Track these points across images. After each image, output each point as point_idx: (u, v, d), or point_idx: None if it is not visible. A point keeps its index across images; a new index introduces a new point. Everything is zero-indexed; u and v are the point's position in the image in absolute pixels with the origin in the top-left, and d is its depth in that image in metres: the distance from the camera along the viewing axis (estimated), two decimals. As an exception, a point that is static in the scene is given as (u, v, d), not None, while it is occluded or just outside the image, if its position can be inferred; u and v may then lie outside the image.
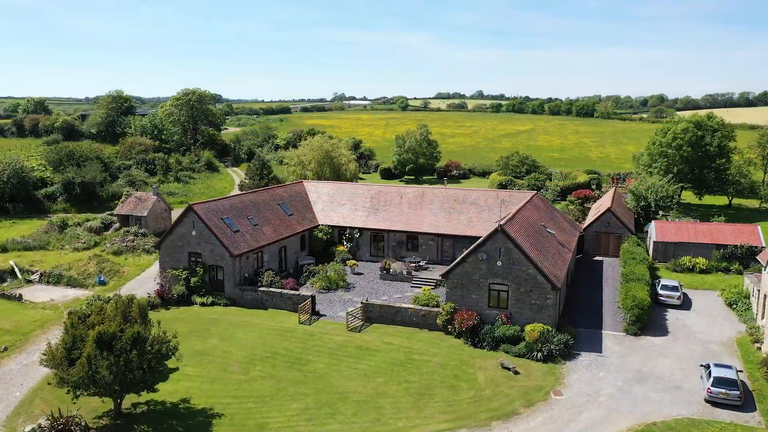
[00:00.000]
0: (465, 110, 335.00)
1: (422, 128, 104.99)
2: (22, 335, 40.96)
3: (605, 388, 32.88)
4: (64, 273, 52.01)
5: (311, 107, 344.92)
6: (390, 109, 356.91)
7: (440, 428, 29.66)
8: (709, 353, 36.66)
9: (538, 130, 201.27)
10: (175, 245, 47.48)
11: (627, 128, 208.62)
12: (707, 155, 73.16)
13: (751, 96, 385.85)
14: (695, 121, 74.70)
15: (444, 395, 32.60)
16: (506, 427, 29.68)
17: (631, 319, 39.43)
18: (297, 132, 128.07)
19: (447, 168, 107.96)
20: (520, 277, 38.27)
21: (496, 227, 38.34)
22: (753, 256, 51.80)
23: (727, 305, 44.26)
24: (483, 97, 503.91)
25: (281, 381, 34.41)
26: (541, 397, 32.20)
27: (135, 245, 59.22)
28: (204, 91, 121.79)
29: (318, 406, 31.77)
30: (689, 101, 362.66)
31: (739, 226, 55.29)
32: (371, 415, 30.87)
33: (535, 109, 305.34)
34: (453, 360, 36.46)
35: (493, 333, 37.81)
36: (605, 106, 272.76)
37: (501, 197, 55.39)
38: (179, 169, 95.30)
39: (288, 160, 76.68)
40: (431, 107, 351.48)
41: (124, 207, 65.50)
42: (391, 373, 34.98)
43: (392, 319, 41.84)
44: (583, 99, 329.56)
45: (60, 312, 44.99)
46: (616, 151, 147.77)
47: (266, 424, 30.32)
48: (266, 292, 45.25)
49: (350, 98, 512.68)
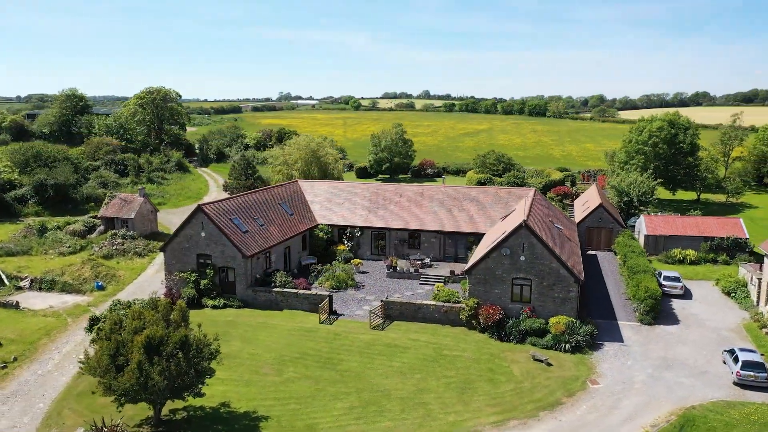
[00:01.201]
0: (417, 110, 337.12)
1: (397, 127, 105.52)
2: (29, 344, 39.00)
3: (637, 375, 34.16)
4: (57, 278, 49.73)
5: (262, 106, 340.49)
6: (342, 109, 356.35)
7: (490, 421, 30.14)
8: (722, 339, 38.58)
9: (496, 130, 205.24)
10: (181, 247, 46.20)
11: (580, 127, 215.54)
12: (680, 152, 76.74)
13: (684, 96, 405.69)
14: (669, 119, 78.21)
15: (485, 389, 33.11)
16: (554, 416, 30.45)
17: (645, 309, 41.03)
18: (267, 132, 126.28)
19: (421, 167, 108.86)
20: (544, 271, 39.23)
21: (520, 223, 39.15)
22: (738, 247, 54.75)
23: (724, 294, 46.62)
24: (430, 97, 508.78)
25: (318, 381, 34.11)
26: (579, 386, 33.16)
27: (126, 248, 57.21)
28: (168, 90, 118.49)
29: (363, 404, 31.70)
30: (627, 101, 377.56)
31: (723, 219, 58.30)
32: (419, 411, 31.04)
33: (488, 108, 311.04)
34: (484, 354, 37.03)
35: (519, 326, 38.61)
36: (557, 105, 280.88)
37: (501, 194, 56.44)
38: (151, 170, 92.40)
39: (272, 159, 75.60)
40: (380, 107, 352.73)
41: (108, 209, 63.09)
42: (426, 370, 35.22)
43: (413, 316, 42.07)
44: (527, 99, 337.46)
45: (63, 319, 43.11)
46: (577, 149, 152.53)
47: (316, 424, 30.04)
48: (281, 292, 44.64)
49: (296, 98, 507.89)
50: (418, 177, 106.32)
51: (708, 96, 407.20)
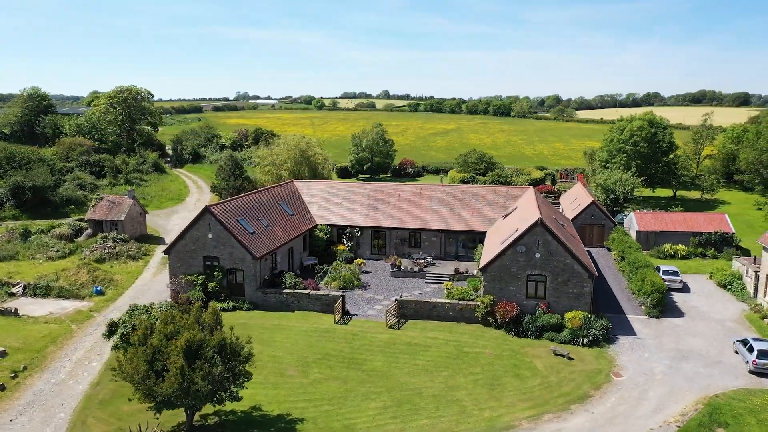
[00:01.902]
0: (379, 110, 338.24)
1: (377, 127, 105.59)
2: (36, 352, 37.58)
3: (656, 367, 35.22)
4: (52, 284, 48.01)
5: (223, 106, 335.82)
6: (305, 109, 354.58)
7: (525, 415, 30.60)
8: (728, 330, 40.13)
9: (465, 129, 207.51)
10: (187, 249, 45.26)
11: (546, 127, 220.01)
12: (660, 150, 79.31)
13: (636, 97, 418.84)
14: (648, 119, 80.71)
15: (513, 384, 33.59)
16: (585, 409, 31.14)
17: (652, 303, 42.30)
18: (242, 132, 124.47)
19: (401, 166, 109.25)
20: (558, 267, 40.02)
21: (536, 221, 39.83)
22: (725, 241, 56.96)
23: (720, 287, 48.45)
24: (390, 97, 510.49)
25: (346, 381, 33.99)
26: (604, 379, 33.98)
27: (118, 252, 55.65)
28: (140, 89, 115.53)
29: (396, 403, 31.74)
30: (583, 101, 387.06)
31: (709, 215, 60.58)
32: (453, 408, 31.28)
33: (453, 108, 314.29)
34: (505, 350, 37.55)
35: (536, 322, 39.29)
36: (521, 105, 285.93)
37: (499, 193, 57.22)
38: (129, 171, 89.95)
39: (260, 160, 74.62)
40: (341, 107, 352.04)
41: (96, 212, 61.19)
42: (452, 367, 35.50)
43: (428, 314, 42.30)
44: (485, 99, 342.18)
45: (66, 326, 41.68)
46: (548, 149, 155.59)
47: (354, 425, 29.94)
48: (292, 293, 44.22)
49: (254, 97, 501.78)
50: (398, 176, 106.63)
51: (659, 96, 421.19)
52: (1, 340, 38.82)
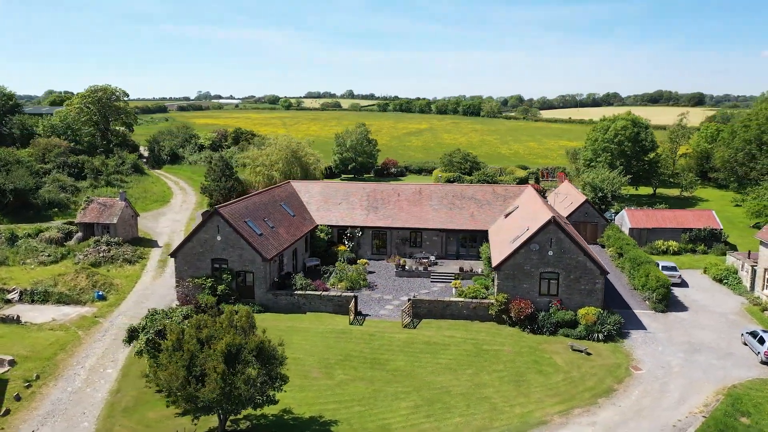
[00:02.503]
0: (345, 109, 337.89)
1: (361, 127, 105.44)
2: (45, 360, 36.42)
3: (672, 359, 36.25)
4: (50, 289, 46.56)
5: (188, 106, 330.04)
6: (272, 108, 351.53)
7: (555, 411, 31.14)
8: (731, 323, 41.57)
9: (437, 129, 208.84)
10: (195, 252, 44.48)
11: (516, 126, 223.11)
12: (643, 149, 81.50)
13: (596, 96, 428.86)
14: (631, 119, 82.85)
15: (538, 380, 34.13)
16: (612, 402, 31.86)
17: (657, 297, 43.50)
18: (221, 132, 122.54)
19: (384, 166, 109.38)
20: (571, 264, 40.79)
21: (549, 219, 40.50)
22: (714, 237, 58.92)
23: (716, 281, 50.12)
24: (354, 97, 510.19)
25: (372, 382, 33.99)
26: (624, 373, 34.82)
27: (113, 255, 54.30)
28: (115, 88, 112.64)
29: (427, 402, 31.90)
30: (545, 101, 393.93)
31: (697, 211, 62.55)
32: (484, 405, 31.60)
33: (422, 108, 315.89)
34: (523, 347, 38.09)
35: (551, 319, 39.97)
36: (490, 105, 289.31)
37: (498, 192, 57.92)
38: (110, 172, 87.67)
39: (250, 161, 73.70)
40: (306, 106, 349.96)
41: (86, 214, 59.50)
42: (474, 365, 35.84)
43: (441, 313, 42.57)
44: (451, 98, 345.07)
45: (72, 332, 40.51)
46: (523, 148, 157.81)
47: (388, 425, 29.98)
48: (303, 295, 43.93)
49: (216, 97, 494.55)
50: (381, 176, 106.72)
51: (618, 96, 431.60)
52: (8, 348, 37.48)
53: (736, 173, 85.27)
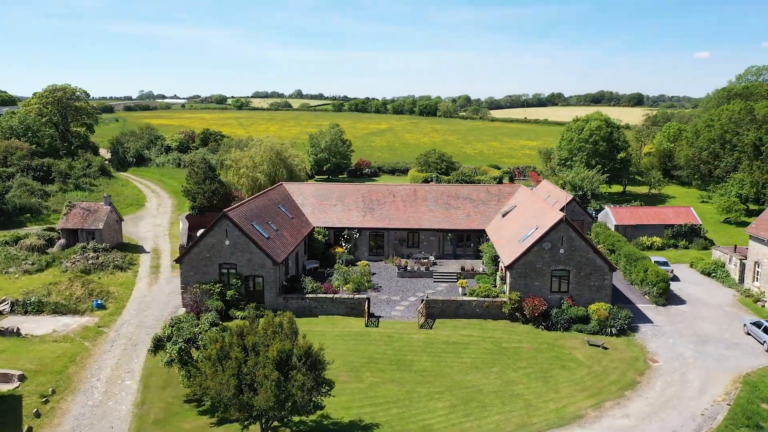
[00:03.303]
0: (299, 110, 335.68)
1: (335, 128, 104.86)
2: (57, 374, 34.78)
3: (684, 351, 37.77)
4: (44, 299, 44.46)
5: (134, 106, 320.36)
6: (224, 108, 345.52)
7: (588, 405, 31.97)
8: (729, 314, 43.62)
9: (398, 129, 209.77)
10: (201, 257, 43.35)
11: (475, 126, 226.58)
12: (616, 148, 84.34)
13: (542, 96, 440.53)
14: (605, 119, 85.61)
15: (563, 375, 34.94)
16: (639, 394, 32.96)
17: (658, 292, 45.19)
18: (188, 133, 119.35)
19: (358, 167, 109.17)
20: (581, 261, 41.91)
21: (560, 218, 41.48)
22: (694, 232, 61.61)
23: (704, 275, 52.45)
24: (303, 96, 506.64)
25: (403, 383, 34.02)
26: (643, 365, 36.05)
27: (103, 262, 52.24)
28: (74, 88, 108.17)
29: (462, 401, 32.18)
30: (493, 101, 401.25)
31: (677, 208, 65.23)
32: (518, 402, 32.13)
33: (378, 108, 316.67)
34: (541, 344, 38.89)
35: (564, 315, 40.96)
36: (447, 106, 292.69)
37: (491, 192, 58.82)
38: (78, 176, 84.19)
39: (233, 162, 72.17)
40: (254, 106, 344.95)
41: (69, 220, 56.99)
42: (499, 363, 36.36)
43: (454, 313, 42.96)
44: (411, 99, 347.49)
45: (78, 343, 38.83)
46: (487, 148, 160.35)
47: (429, 425, 30.11)
48: (315, 298, 43.48)
49: (159, 96, 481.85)
50: (355, 177, 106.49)
51: (562, 96, 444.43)
52: (13, 362, 35.64)
53: (699, 171, 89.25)
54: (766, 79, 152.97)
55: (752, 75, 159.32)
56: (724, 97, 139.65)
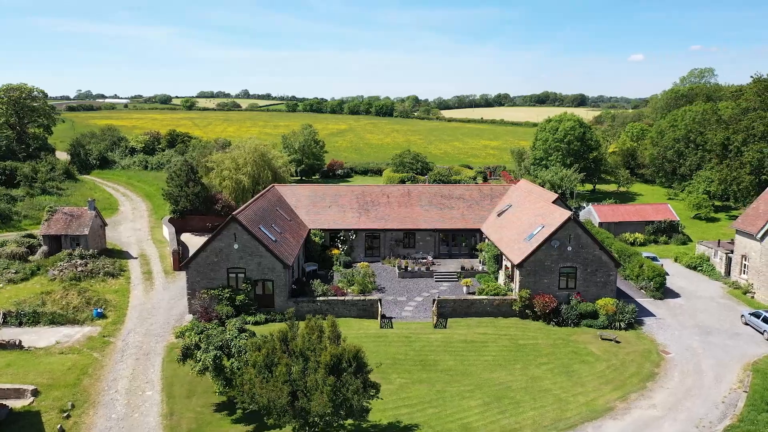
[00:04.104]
0: (247, 110, 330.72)
1: (308, 128, 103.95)
2: (71, 387, 33.30)
3: (692, 342, 39.41)
4: (39, 310, 42.40)
5: (78, 106, 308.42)
6: (173, 108, 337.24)
7: (615, 397, 32.94)
8: (723, 306, 45.76)
9: (358, 129, 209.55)
10: (209, 262, 42.30)
11: (435, 127, 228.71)
12: (588, 148, 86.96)
13: (489, 97, 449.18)
14: (577, 119, 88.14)
15: (584, 370, 35.88)
16: (660, 385, 34.19)
17: (655, 286, 46.96)
18: (154, 134, 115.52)
19: (331, 167, 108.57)
20: (588, 258, 43.11)
21: (569, 217, 42.55)
22: (672, 228, 64.27)
23: (690, 268, 54.78)
24: (250, 96, 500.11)
25: (432, 383, 34.20)
26: (657, 357, 37.41)
27: (92, 269, 50.20)
28: (31, 87, 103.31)
29: (494, 399, 32.60)
30: (441, 102, 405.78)
31: (655, 205, 67.81)
32: (548, 397, 32.80)
33: (334, 108, 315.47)
34: (556, 340, 39.79)
35: (574, 311, 42.04)
36: (403, 106, 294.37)
37: (484, 191, 59.68)
38: (45, 179, 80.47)
39: (216, 164, 70.47)
40: (201, 106, 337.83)
41: (51, 226, 54.45)
42: (520, 360, 37.00)
43: (466, 311, 43.43)
44: (367, 99, 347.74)
45: (87, 355, 37.25)
46: (451, 148, 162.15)
47: (468, 424, 30.39)
48: (326, 301, 43.11)
49: (99, 96, 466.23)
50: (329, 178, 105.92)
51: (509, 97, 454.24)
52: (22, 377, 33.94)
53: (663, 169, 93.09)
54: (709, 81, 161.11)
55: (695, 77, 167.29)
56: (672, 98, 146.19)
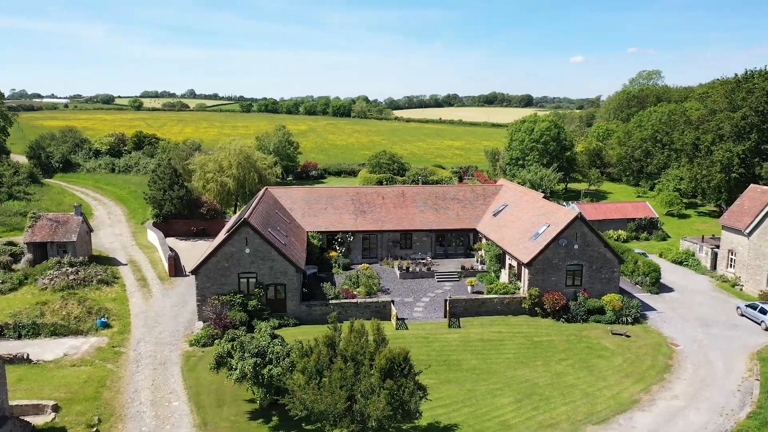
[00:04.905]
0: (204, 110, 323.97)
1: (281, 129, 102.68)
2: (92, 400, 32.00)
3: (696, 334, 41.16)
4: (38, 321, 40.48)
5: (17, 106, 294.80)
6: (119, 109, 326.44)
7: (638, 389, 34.08)
8: (715, 299, 47.97)
9: (319, 130, 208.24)
10: (219, 267, 41.37)
11: (395, 128, 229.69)
12: (563, 148, 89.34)
13: (438, 97, 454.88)
14: (551, 120, 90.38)
15: (603, 364, 36.96)
16: (676, 376, 35.59)
17: (651, 281, 48.78)
18: (119, 136, 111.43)
19: (304, 169, 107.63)
20: (593, 256, 44.40)
21: (576, 215, 43.70)
22: (652, 225, 66.85)
23: (676, 263, 57.11)
24: (196, 96, 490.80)
25: (461, 383, 34.54)
26: (668, 350, 38.90)
27: (85, 277, 48.28)
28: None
29: (524, 396, 33.20)
30: (392, 102, 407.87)
31: (634, 203, 70.33)
32: (576, 393, 33.65)
33: (290, 109, 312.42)
34: (569, 336, 40.82)
35: (582, 307, 43.22)
36: (360, 106, 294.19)
37: (476, 192, 60.51)
38: (11, 183, 76.64)
39: (198, 167, 68.71)
40: (149, 106, 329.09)
41: (35, 233, 51.99)
42: (540, 356, 37.80)
43: (476, 311, 43.99)
44: (323, 99, 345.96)
45: (101, 366, 35.84)
46: (415, 148, 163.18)
47: (505, 421, 30.88)
48: (339, 304, 42.83)
49: (35, 95, 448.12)
50: (303, 179, 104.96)
51: (458, 98, 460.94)
52: (38, 392, 32.40)
53: (631, 168, 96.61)
54: (656, 82, 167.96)
55: (644, 78, 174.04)
56: (624, 99, 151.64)
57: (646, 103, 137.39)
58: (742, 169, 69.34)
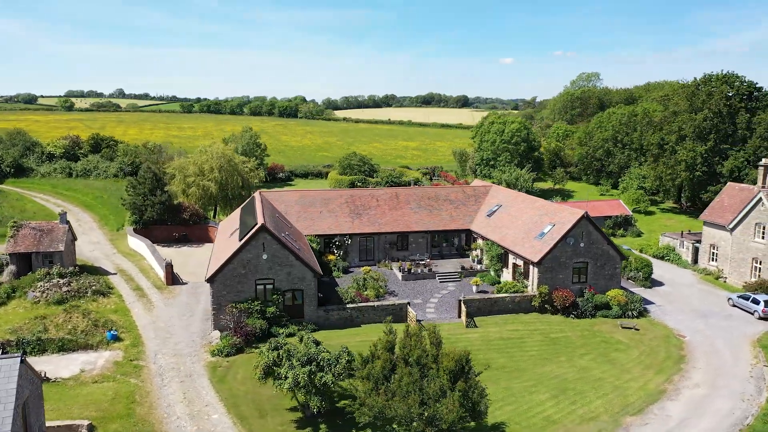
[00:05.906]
0: (139, 110, 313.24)
1: (248, 131, 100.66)
2: (126, 418, 30.67)
3: (697, 326, 43.48)
4: (43, 337, 38.28)
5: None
6: (49, 109, 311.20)
7: (661, 380, 35.73)
8: (703, 291, 50.79)
9: (270, 132, 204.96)
10: (236, 275, 40.33)
11: (346, 128, 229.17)
12: (532, 148, 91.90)
13: (377, 98, 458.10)
14: (520, 121, 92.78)
15: (622, 357, 38.51)
16: (692, 366, 37.52)
17: (644, 276, 51.12)
18: (73, 138, 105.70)
19: (271, 171, 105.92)
20: (597, 253, 46.11)
21: (582, 215, 45.24)
22: (627, 222, 69.94)
23: (657, 258, 59.97)
24: (126, 96, 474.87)
25: (496, 381, 35.08)
26: (677, 341, 40.93)
27: (79, 288, 45.98)
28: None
29: (559, 392, 34.18)
30: (330, 102, 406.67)
31: (608, 201, 73.33)
32: (605, 386, 34.93)
33: (234, 109, 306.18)
34: (582, 331, 42.26)
35: (590, 303, 44.81)
36: (308, 107, 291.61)
37: (467, 192, 61.50)
38: (-34, 190, 71.72)
39: (177, 171, 66.37)
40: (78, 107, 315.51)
41: (18, 243, 48.97)
42: (562, 353, 38.96)
43: (489, 310, 44.82)
44: (270, 100, 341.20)
45: (125, 382, 34.33)
46: (372, 149, 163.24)
47: (549, 417, 31.75)
48: (357, 308, 42.67)
49: None
50: (270, 182, 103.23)
51: (395, 98, 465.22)
52: (66, 411, 30.75)
53: (592, 167, 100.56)
54: (596, 84, 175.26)
55: (583, 80, 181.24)
56: (568, 100, 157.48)
57: (588, 105, 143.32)
58: (704, 167, 73.52)
